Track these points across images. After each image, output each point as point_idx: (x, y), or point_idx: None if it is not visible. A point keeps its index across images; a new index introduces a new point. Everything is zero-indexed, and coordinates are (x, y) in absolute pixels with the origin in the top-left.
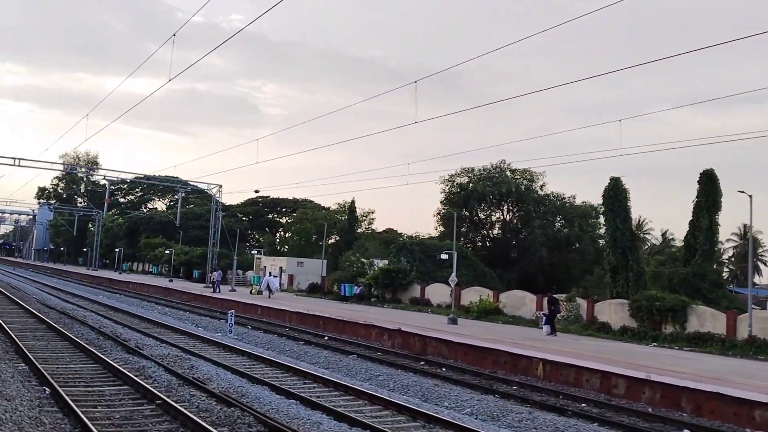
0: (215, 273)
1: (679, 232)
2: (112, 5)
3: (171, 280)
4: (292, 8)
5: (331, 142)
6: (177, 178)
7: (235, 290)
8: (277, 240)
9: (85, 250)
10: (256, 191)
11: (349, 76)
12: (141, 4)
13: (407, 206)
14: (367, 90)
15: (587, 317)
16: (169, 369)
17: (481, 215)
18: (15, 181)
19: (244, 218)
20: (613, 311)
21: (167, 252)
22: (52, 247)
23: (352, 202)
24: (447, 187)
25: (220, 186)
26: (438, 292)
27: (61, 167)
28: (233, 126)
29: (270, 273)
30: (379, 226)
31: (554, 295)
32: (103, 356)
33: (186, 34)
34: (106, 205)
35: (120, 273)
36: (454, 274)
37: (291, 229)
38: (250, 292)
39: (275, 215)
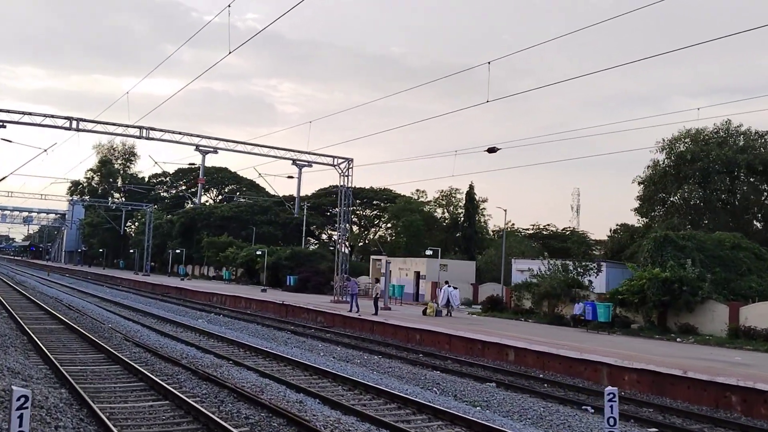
0: (377, 286)
1: None
2: (128, 7)
3: (264, 290)
4: (308, 7)
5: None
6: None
7: (389, 308)
8: (356, 234)
9: (132, 251)
10: (491, 149)
11: (368, 74)
12: (158, 5)
13: None
14: (388, 87)
15: None
16: None
17: (734, 195)
18: (45, 176)
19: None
20: None
21: (258, 253)
22: (85, 248)
23: (470, 188)
24: (664, 157)
25: (351, 160)
26: None
27: (135, 131)
28: (249, 125)
29: (447, 283)
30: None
31: None
32: None
33: (201, 34)
34: (200, 188)
35: (182, 279)
36: None
37: (399, 223)
38: (424, 312)
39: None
